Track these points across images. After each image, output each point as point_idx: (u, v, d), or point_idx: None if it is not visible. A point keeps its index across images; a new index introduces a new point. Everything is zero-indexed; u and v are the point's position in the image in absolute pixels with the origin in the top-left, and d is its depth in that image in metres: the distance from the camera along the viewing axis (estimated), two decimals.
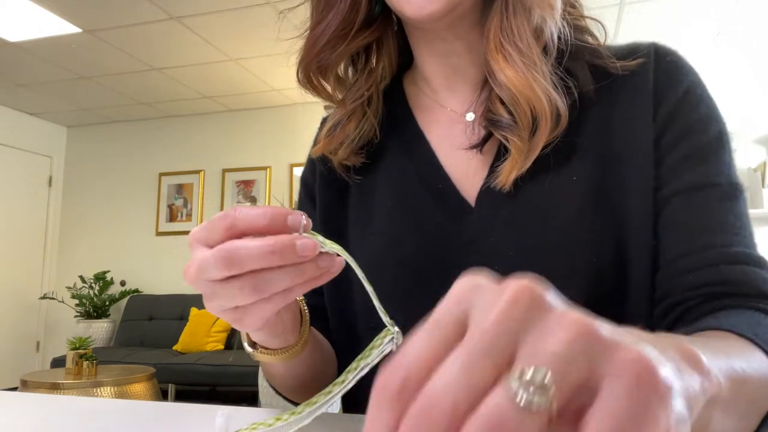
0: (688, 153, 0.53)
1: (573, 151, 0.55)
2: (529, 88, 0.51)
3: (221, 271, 0.34)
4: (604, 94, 0.56)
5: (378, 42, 0.64)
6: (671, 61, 0.56)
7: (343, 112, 0.63)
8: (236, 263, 0.33)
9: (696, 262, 0.49)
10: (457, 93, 0.63)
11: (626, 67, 0.56)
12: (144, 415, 0.51)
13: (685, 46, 0.74)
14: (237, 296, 0.35)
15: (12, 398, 0.60)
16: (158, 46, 3.92)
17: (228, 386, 4.15)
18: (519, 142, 0.52)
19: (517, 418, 0.16)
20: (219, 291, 0.35)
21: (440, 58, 0.62)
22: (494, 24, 0.54)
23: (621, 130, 0.55)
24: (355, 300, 0.61)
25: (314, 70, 0.60)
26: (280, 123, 5.19)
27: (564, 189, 0.54)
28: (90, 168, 5.72)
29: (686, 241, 0.50)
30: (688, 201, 0.51)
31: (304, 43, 0.60)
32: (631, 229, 0.52)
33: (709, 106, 0.55)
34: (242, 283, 0.34)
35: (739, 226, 0.49)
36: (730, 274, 0.47)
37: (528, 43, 0.53)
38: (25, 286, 5.38)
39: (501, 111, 0.54)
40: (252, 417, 0.50)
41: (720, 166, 0.52)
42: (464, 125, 0.61)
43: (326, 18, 0.58)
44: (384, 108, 0.65)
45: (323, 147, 0.64)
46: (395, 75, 0.68)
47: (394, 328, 0.37)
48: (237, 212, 0.34)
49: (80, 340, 3.46)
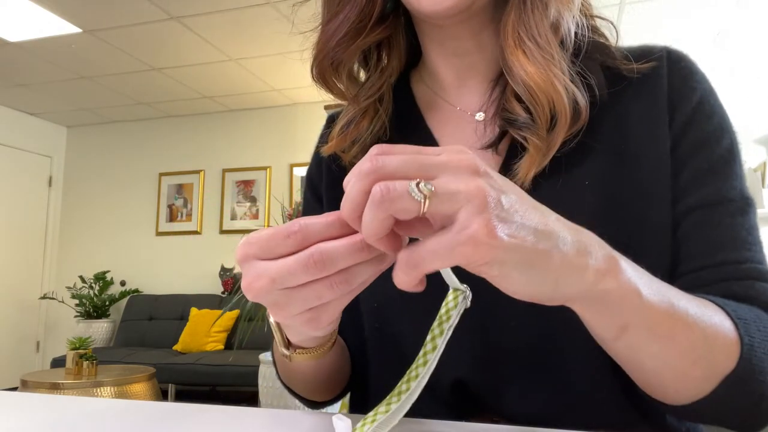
0: (702, 167, 0.53)
1: (587, 153, 0.54)
2: (549, 84, 0.51)
3: (311, 275, 0.33)
4: (618, 96, 0.56)
5: (389, 39, 0.64)
6: (685, 67, 0.56)
7: (356, 109, 0.63)
8: (329, 264, 0.33)
9: (708, 278, 0.51)
10: (467, 91, 0.62)
11: (639, 70, 0.55)
12: (144, 415, 0.51)
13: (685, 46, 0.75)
14: (325, 294, 0.34)
15: (12, 398, 0.60)
16: (158, 46, 3.93)
17: (228, 386, 4.15)
18: (537, 140, 0.52)
19: (405, 196, 0.30)
20: (297, 295, 0.35)
21: (451, 57, 0.61)
22: (512, 19, 0.54)
23: (636, 135, 0.55)
24: (360, 299, 0.61)
25: (328, 67, 0.60)
26: (280, 123, 5.19)
27: (577, 192, 0.53)
28: (90, 168, 5.72)
29: (701, 257, 0.51)
30: (702, 218, 0.52)
31: (318, 38, 0.60)
32: (646, 236, 0.52)
33: (721, 116, 0.55)
34: (331, 281, 0.34)
35: (751, 242, 0.51)
36: (740, 289, 0.49)
37: (546, 38, 0.52)
38: (25, 286, 5.38)
39: (517, 109, 0.54)
40: (252, 417, 0.50)
41: (732, 180, 0.53)
42: (474, 124, 0.60)
43: (342, 12, 0.58)
44: (393, 106, 0.65)
45: (336, 145, 0.63)
46: (402, 72, 0.68)
47: (463, 286, 0.39)
48: (305, 226, 0.34)
49: (80, 340, 3.46)
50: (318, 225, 0.34)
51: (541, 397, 0.52)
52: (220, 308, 4.52)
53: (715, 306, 0.45)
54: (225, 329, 4.56)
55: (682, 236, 0.52)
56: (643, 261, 0.52)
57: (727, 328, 0.43)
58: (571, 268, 0.35)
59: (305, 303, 0.35)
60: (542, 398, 0.52)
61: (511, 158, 0.55)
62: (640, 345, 0.41)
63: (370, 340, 0.62)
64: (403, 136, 0.63)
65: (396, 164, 0.31)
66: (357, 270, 0.34)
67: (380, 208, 0.30)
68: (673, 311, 0.40)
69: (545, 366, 0.52)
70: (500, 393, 0.53)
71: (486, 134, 0.59)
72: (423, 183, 0.30)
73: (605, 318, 0.40)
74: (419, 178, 0.31)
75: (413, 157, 0.32)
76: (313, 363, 0.52)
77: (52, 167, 5.70)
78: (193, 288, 5.14)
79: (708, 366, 0.42)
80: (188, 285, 5.18)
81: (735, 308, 0.45)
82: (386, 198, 0.30)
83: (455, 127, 0.62)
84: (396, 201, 0.30)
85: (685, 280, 0.51)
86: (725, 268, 0.50)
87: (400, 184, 0.30)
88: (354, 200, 0.32)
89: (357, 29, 0.58)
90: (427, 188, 0.30)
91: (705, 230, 0.52)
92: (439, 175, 0.31)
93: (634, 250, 0.51)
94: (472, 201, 0.31)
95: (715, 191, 0.52)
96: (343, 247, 0.33)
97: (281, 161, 5.15)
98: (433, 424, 0.47)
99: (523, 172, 0.52)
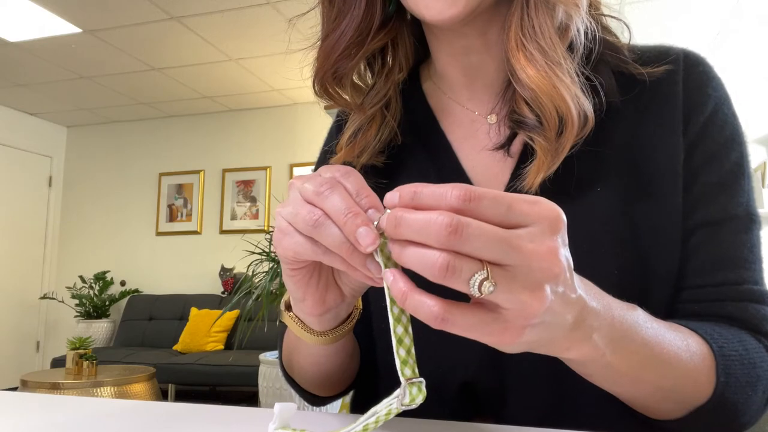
0: (711, 181, 0.53)
1: (598, 160, 0.53)
2: (552, 88, 0.49)
3: (312, 195, 0.37)
4: (632, 104, 0.55)
5: (393, 41, 0.62)
6: (702, 72, 0.55)
7: (362, 117, 0.61)
8: (320, 197, 0.36)
9: (707, 296, 0.52)
10: (477, 92, 0.61)
11: (653, 74, 0.54)
12: (144, 415, 0.51)
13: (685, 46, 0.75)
14: (300, 215, 0.37)
15: (12, 398, 0.60)
16: (158, 46, 3.93)
17: (228, 386, 4.15)
18: (545, 143, 0.51)
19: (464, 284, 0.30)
20: (296, 205, 0.38)
21: (459, 56, 0.60)
22: (515, 21, 0.52)
23: (650, 143, 0.54)
24: (369, 300, 0.60)
25: (330, 80, 0.59)
26: (280, 123, 5.19)
27: (588, 199, 0.53)
28: (90, 168, 5.72)
29: (702, 275, 0.52)
30: (707, 236, 0.53)
31: (317, 54, 0.58)
32: (658, 246, 0.52)
33: (733, 126, 0.55)
34: (311, 212, 0.36)
35: (752, 260, 0.52)
36: (735, 311, 0.51)
37: (551, 41, 0.51)
38: (25, 286, 5.38)
39: (526, 111, 0.53)
40: (252, 417, 0.50)
41: (739, 196, 0.53)
42: (486, 126, 0.60)
43: (339, 26, 0.56)
44: (402, 108, 0.63)
45: (345, 155, 0.61)
46: (411, 69, 0.66)
47: (403, 381, 0.34)
48: (347, 179, 0.37)
49: (80, 340, 3.46)
50: (356, 185, 0.37)
51: (547, 400, 0.52)
52: (220, 308, 4.52)
53: (701, 341, 0.47)
54: (225, 329, 4.56)
55: (688, 251, 0.53)
56: (653, 271, 0.52)
57: (704, 368, 0.46)
58: (549, 347, 0.37)
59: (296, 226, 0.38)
60: (549, 401, 0.52)
61: (524, 162, 0.54)
62: (606, 386, 0.45)
63: (379, 340, 0.62)
64: (417, 138, 0.62)
65: (476, 245, 0.30)
66: (331, 227, 0.36)
67: (432, 276, 0.30)
68: (645, 362, 0.42)
69: (552, 369, 0.52)
70: (507, 396, 0.53)
71: (499, 135, 0.58)
72: (488, 282, 0.30)
73: (569, 364, 0.43)
74: (489, 264, 0.30)
75: (496, 241, 0.30)
76: (315, 348, 0.53)
77: (52, 167, 5.70)
78: (193, 288, 5.14)
79: (678, 400, 0.46)
80: (188, 285, 5.18)
81: (722, 344, 0.47)
82: (446, 277, 0.30)
83: (468, 130, 0.61)
84: (453, 281, 0.30)
85: (687, 294, 0.53)
86: (723, 289, 0.52)
87: (466, 272, 0.30)
88: (418, 248, 0.31)
89: (358, 41, 0.57)
90: (488, 290, 0.30)
91: (708, 248, 0.52)
92: (512, 269, 0.31)
93: (645, 259, 0.52)
94: (527, 311, 0.31)
95: (721, 209, 0.53)
96: (339, 198, 0.35)
97: (281, 161, 5.15)
98: (434, 424, 0.47)
99: (531, 175, 0.51)
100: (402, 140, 0.62)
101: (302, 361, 0.59)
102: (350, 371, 0.63)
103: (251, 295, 3.08)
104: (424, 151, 0.61)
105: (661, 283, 0.52)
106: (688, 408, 0.46)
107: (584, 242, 0.50)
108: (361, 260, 0.35)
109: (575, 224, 0.37)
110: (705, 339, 0.47)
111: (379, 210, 0.35)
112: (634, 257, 0.52)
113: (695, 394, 0.46)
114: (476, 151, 0.59)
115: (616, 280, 0.50)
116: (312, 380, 0.61)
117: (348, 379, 0.65)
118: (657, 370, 0.43)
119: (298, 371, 0.62)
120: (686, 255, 0.53)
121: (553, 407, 0.52)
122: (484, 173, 0.58)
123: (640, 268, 0.52)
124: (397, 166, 0.62)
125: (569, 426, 0.46)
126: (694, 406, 0.46)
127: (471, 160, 0.59)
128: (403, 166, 0.62)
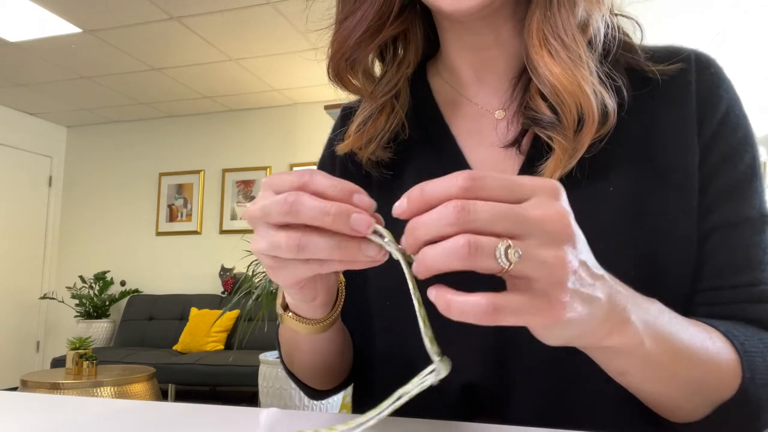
0: (725, 183, 0.53)
1: (612, 159, 0.53)
2: (576, 86, 0.49)
3: (280, 216, 0.35)
4: (644, 100, 0.54)
5: (405, 32, 0.62)
6: (714, 73, 0.55)
7: (373, 106, 0.61)
8: (294, 212, 0.35)
9: (724, 298, 0.52)
10: (486, 87, 0.61)
11: (665, 73, 0.54)
12: (144, 415, 0.51)
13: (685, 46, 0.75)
14: (281, 247, 0.36)
15: (12, 398, 0.60)
16: (158, 46, 3.93)
17: (228, 386, 4.15)
18: (563, 141, 0.50)
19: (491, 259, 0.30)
20: (268, 236, 0.37)
21: (470, 51, 0.60)
22: (537, 17, 0.52)
23: (664, 144, 0.54)
24: (370, 298, 0.60)
25: (344, 65, 0.59)
26: (280, 123, 5.19)
27: (600, 198, 0.52)
28: (90, 168, 5.72)
29: (718, 277, 0.52)
30: (722, 239, 0.53)
31: (334, 36, 0.58)
32: (672, 247, 0.52)
33: (745, 128, 0.54)
34: (289, 238, 0.35)
35: (766, 261, 0.52)
36: (752, 312, 0.51)
37: (574, 38, 0.51)
38: (25, 286, 5.38)
39: (542, 108, 0.52)
40: (253, 417, 0.50)
41: (752, 198, 0.53)
42: (494, 122, 0.59)
43: (360, 9, 0.56)
44: (410, 102, 0.63)
45: (353, 142, 0.61)
46: (418, 65, 0.66)
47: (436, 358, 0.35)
48: (312, 177, 0.36)
49: (80, 340, 3.46)
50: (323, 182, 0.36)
51: (550, 401, 0.52)
52: (220, 308, 4.52)
53: (723, 338, 0.47)
54: (225, 329, 4.56)
55: (704, 254, 0.53)
56: (666, 268, 0.52)
57: (730, 362, 0.45)
58: (594, 330, 0.37)
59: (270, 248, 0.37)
60: (551, 401, 0.52)
61: (534, 158, 0.54)
62: (637, 385, 0.45)
63: (379, 340, 0.61)
64: (422, 133, 0.62)
65: (487, 218, 0.31)
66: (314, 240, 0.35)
67: (461, 261, 0.30)
68: (676, 353, 0.42)
69: (555, 369, 0.52)
70: (509, 396, 0.53)
71: (507, 132, 0.57)
72: (512, 249, 0.30)
73: (606, 362, 0.43)
74: (508, 238, 0.31)
75: (506, 212, 0.31)
76: (315, 337, 0.53)
77: (52, 167, 5.70)
78: (193, 288, 5.14)
79: (706, 395, 0.46)
80: (188, 285, 5.18)
81: (743, 341, 0.47)
82: (472, 256, 0.30)
83: (474, 124, 0.61)
84: (480, 260, 0.30)
85: (702, 297, 0.53)
86: (739, 291, 0.52)
87: (488, 244, 0.30)
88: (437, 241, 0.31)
89: (377, 26, 0.57)
90: (515, 256, 0.30)
91: (724, 251, 0.53)
92: (529, 237, 0.31)
93: (659, 261, 0.51)
94: (556, 273, 0.32)
95: (734, 211, 0.53)
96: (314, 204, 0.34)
97: (281, 161, 5.15)
98: (435, 424, 0.47)
99: (548, 173, 0.51)
100: (408, 135, 0.62)
101: (304, 356, 0.59)
102: (347, 357, 0.64)
103: (251, 295, 3.08)
104: (430, 146, 0.62)
105: (674, 280, 0.52)
106: (713, 404, 0.46)
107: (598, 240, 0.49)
108: (358, 253, 0.36)
109: (588, 220, 0.37)
110: (726, 336, 0.47)
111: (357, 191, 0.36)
112: (647, 253, 0.51)
113: (720, 388, 0.45)
114: (483, 146, 0.59)
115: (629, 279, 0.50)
116: (313, 372, 0.62)
117: (346, 367, 0.65)
118: (688, 361, 0.43)
119: (300, 367, 0.62)
120: (702, 258, 0.53)
121: (555, 407, 0.52)
122: (492, 169, 0.58)
123: (654, 265, 0.52)
124: (402, 161, 0.62)
125: (572, 426, 0.46)
126: (719, 401, 0.45)
127: (476, 155, 0.59)
128: (408, 161, 0.62)
